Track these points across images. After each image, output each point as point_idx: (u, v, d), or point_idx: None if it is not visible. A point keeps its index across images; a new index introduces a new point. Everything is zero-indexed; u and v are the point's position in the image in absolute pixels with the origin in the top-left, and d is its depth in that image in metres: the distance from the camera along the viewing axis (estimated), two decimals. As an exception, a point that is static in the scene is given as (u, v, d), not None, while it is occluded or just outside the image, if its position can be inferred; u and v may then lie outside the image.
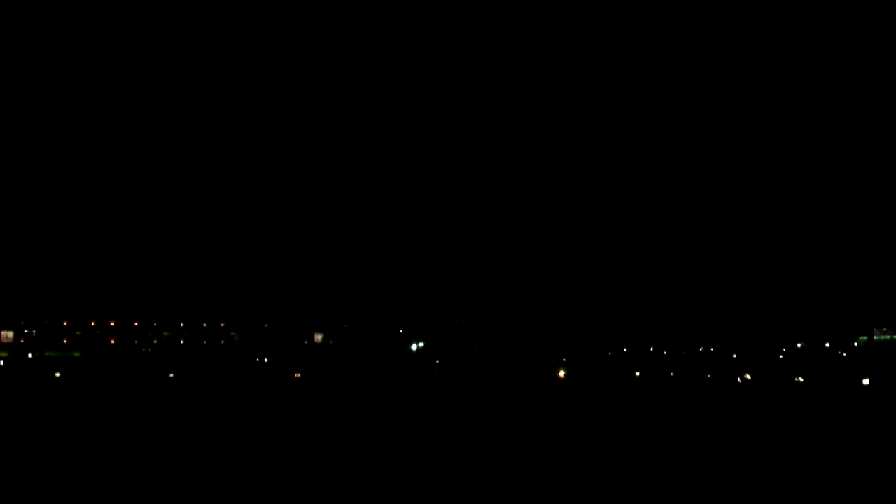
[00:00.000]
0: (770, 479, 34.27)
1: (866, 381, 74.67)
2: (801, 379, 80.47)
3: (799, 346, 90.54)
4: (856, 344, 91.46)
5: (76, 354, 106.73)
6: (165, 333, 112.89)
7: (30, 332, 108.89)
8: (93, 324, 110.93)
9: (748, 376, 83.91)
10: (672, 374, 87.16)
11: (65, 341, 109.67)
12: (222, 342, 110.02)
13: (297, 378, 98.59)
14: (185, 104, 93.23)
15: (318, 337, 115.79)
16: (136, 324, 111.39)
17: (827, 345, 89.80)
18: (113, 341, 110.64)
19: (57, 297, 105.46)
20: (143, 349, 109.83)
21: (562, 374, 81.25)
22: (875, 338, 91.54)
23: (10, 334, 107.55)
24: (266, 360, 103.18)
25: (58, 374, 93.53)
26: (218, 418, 50.66)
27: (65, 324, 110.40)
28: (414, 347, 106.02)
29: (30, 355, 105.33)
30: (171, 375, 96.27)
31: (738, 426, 49.32)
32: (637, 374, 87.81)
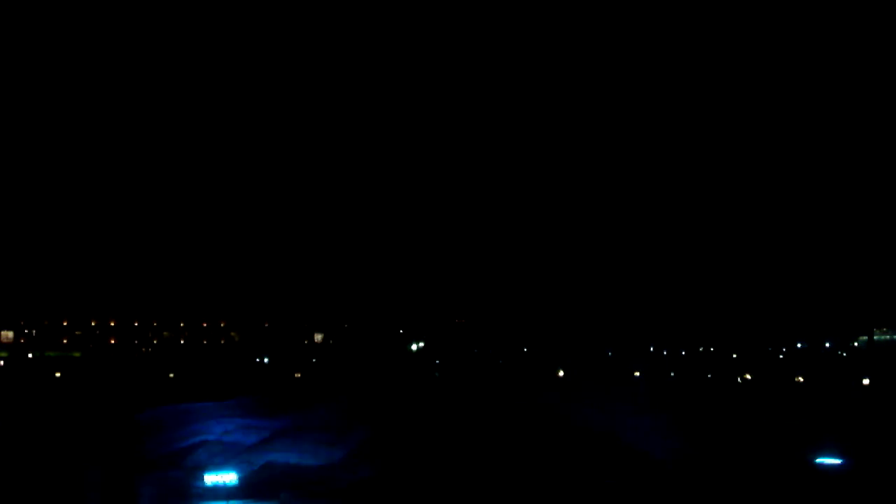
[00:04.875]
0: (771, 479, 34.27)
1: (866, 381, 74.60)
2: (801, 379, 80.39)
3: (799, 346, 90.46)
4: (856, 344, 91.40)
5: (76, 354, 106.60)
6: (165, 333, 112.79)
7: (30, 332, 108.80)
8: (93, 324, 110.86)
9: (748, 376, 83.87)
10: (672, 374, 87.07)
11: (65, 341, 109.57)
12: (222, 342, 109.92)
13: (297, 378, 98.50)
14: (186, 104, 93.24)
15: (318, 337, 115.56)
16: (136, 324, 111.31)
17: (827, 345, 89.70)
18: (113, 341, 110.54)
19: (57, 297, 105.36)
20: (143, 349, 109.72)
21: (561, 373, 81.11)
22: (875, 338, 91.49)
23: (10, 334, 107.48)
24: (266, 360, 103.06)
25: (58, 374, 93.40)
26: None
27: (65, 324, 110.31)
28: (414, 347, 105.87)
29: (30, 355, 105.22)
30: (172, 375, 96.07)
31: (739, 426, 49.28)
32: (637, 374, 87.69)
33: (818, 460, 39.79)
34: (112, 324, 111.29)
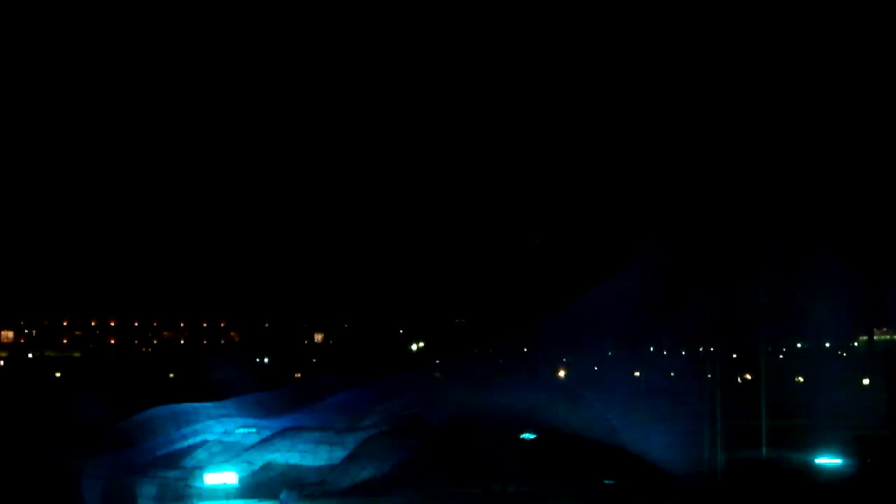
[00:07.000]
0: (770, 479, 34.33)
1: (866, 381, 74.56)
2: (801, 379, 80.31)
3: (799, 346, 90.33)
4: (856, 344, 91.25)
5: (76, 354, 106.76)
6: (165, 333, 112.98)
7: (30, 332, 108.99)
8: (93, 324, 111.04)
9: (748, 376, 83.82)
10: (672, 374, 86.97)
11: (65, 341, 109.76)
12: (222, 342, 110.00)
13: (297, 378, 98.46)
14: (185, 104, 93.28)
15: (319, 337, 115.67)
16: (136, 324, 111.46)
17: (827, 345, 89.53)
18: (113, 341, 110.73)
19: (57, 297, 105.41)
20: (143, 349, 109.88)
21: (562, 374, 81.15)
22: (875, 338, 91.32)
23: (10, 334, 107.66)
24: (266, 360, 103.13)
25: (58, 374, 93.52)
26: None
27: (65, 324, 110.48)
28: (414, 347, 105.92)
29: (30, 355, 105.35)
30: (172, 375, 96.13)
31: (738, 426, 49.33)
32: (637, 373, 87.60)
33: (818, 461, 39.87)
34: (112, 324, 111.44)
